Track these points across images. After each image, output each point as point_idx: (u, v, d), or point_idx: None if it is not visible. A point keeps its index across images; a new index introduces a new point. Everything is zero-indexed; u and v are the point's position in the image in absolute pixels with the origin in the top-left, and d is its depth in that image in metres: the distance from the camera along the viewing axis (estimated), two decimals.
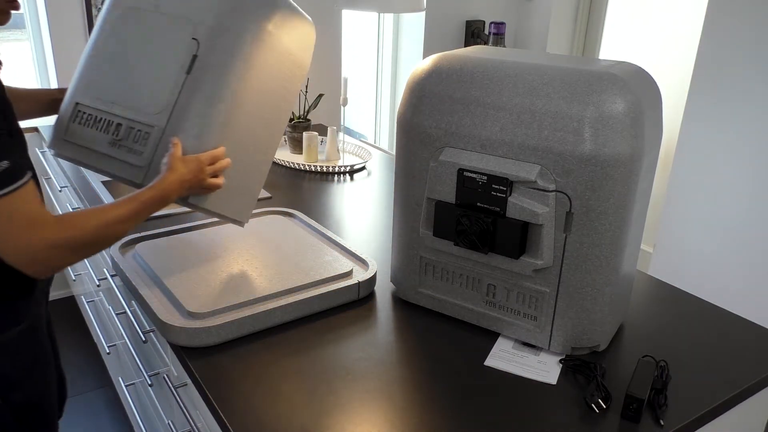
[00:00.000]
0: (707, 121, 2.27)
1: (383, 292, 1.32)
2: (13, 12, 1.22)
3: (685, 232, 2.41)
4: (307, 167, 2.06)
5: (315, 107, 2.28)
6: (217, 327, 1.10)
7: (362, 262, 1.36)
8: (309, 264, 1.32)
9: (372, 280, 1.30)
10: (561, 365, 1.10)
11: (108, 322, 1.92)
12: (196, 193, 1.18)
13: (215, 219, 1.53)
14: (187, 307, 1.14)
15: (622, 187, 1.01)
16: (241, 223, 1.32)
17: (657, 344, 1.17)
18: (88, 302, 2.20)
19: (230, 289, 1.21)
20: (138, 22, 1.23)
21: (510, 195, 1.07)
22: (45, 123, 2.50)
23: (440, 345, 1.15)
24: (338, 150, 2.18)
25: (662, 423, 0.96)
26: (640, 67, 1.10)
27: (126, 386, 1.69)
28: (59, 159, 2.07)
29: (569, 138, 1.00)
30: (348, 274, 1.30)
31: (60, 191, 2.14)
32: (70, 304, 2.60)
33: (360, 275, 1.29)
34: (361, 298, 1.28)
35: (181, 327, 1.09)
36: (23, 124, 1.39)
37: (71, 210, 2.00)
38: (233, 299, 1.17)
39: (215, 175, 1.18)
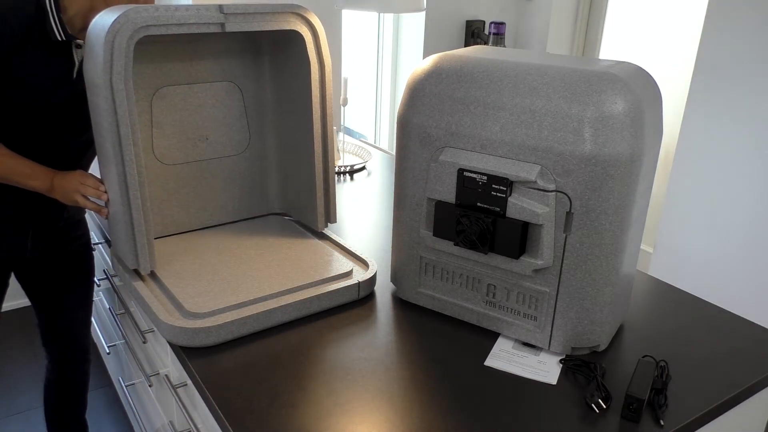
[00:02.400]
0: (707, 121, 2.27)
1: (383, 292, 1.32)
2: None
3: (685, 232, 2.41)
4: None
5: None
6: (217, 327, 1.10)
7: (362, 262, 1.36)
8: (309, 264, 1.32)
9: (372, 280, 1.30)
10: (561, 365, 1.10)
11: (108, 322, 1.92)
12: (61, 199, 1.30)
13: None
14: (187, 307, 1.14)
15: (622, 187, 1.01)
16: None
17: (657, 344, 1.17)
18: None
19: (230, 289, 1.21)
20: None
21: (510, 195, 1.07)
22: None
23: (440, 345, 1.15)
24: (338, 150, 2.18)
25: (662, 423, 0.96)
26: (640, 67, 1.10)
27: (126, 386, 1.69)
28: None
29: (569, 138, 1.00)
30: (348, 274, 1.30)
31: None
32: None
33: (360, 275, 1.29)
34: (361, 298, 1.28)
35: (181, 327, 1.09)
36: None
37: None
38: (233, 299, 1.17)
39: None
